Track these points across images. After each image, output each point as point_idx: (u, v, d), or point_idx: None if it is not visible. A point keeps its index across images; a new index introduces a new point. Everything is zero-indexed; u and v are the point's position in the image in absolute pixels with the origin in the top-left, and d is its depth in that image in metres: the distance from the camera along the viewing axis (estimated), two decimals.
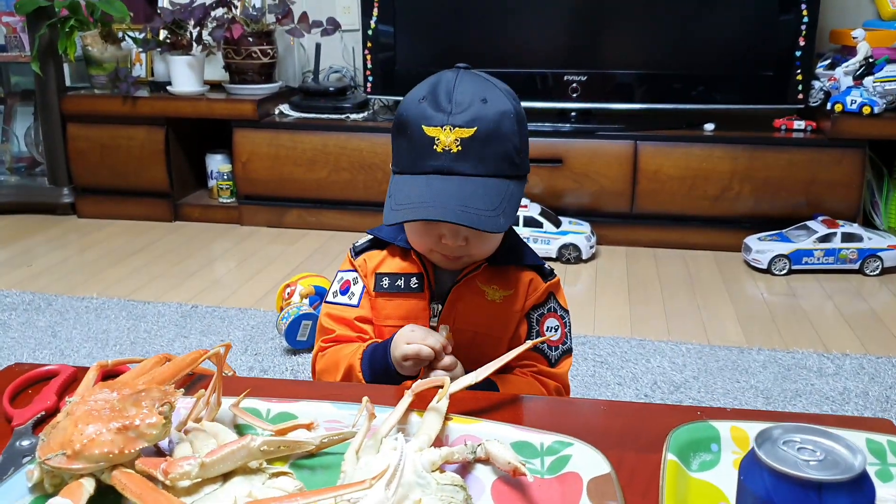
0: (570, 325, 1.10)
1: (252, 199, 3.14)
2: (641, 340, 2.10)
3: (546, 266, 1.09)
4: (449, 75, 0.97)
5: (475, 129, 0.93)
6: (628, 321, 2.25)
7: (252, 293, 2.45)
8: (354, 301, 1.07)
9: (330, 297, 1.10)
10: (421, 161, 0.95)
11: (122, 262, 2.74)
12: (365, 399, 0.75)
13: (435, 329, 1.01)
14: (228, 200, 3.20)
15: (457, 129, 0.93)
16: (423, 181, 0.94)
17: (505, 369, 1.06)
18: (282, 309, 2.08)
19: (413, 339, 0.97)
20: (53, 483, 0.67)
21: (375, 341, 1.04)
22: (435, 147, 0.93)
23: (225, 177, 3.20)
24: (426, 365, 0.97)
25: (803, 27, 2.76)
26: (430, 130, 0.94)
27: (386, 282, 1.05)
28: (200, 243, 2.97)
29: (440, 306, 1.03)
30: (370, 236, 1.09)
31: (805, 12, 2.75)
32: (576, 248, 2.71)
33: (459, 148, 0.93)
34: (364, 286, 1.07)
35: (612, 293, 2.46)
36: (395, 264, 1.05)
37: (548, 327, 1.07)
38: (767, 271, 2.61)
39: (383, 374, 0.99)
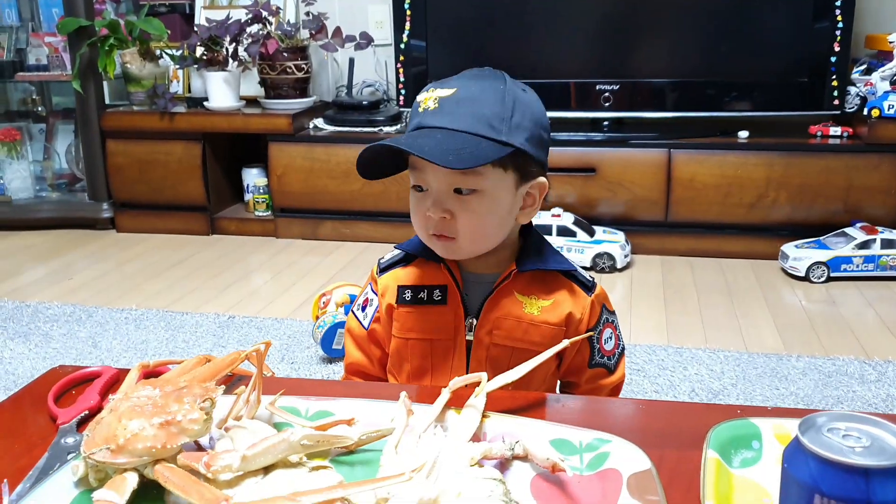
0: (618, 324, 1.09)
1: (287, 212, 3.17)
2: (678, 348, 2.08)
3: (582, 274, 1.05)
4: None
5: (455, 90, 0.95)
6: (665, 329, 2.23)
7: (288, 304, 2.47)
8: (366, 322, 1.08)
9: (355, 307, 1.12)
10: (409, 126, 0.99)
11: (161, 275, 2.78)
12: (403, 394, 0.75)
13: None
14: (264, 213, 3.24)
15: (438, 90, 0.96)
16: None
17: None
18: (318, 318, 2.09)
19: None
20: (98, 477, 0.68)
21: None
22: (419, 109, 0.97)
23: (261, 190, 3.23)
24: None
25: (838, 32, 2.73)
26: (419, 98, 0.98)
27: (408, 294, 1.03)
28: (237, 256, 3.00)
29: (475, 320, 1.00)
30: (398, 251, 1.08)
31: (840, 18, 2.72)
32: (610, 256, 2.69)
33: (436, 105, 0.95)
34: (377, 307, 1.06)
35: (648, 302, 2.44)
36: (418, 275, 1.03)
37: (605, 339, 1.06)
38: (805, 279, 2.58)
39: None
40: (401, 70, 3.07)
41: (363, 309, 1.10)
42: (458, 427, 0.73)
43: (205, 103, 3.21)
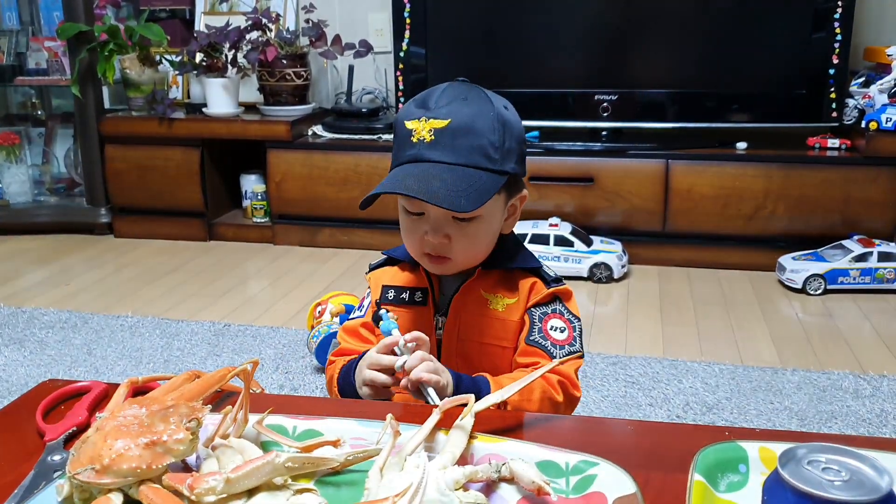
0: (580, 332, 1.08)
1: (285, 219, 3.18)
2: (674, 361, 2.08)
3: (550, 272, 1.08)
4: (444, 84, 1.02)
5: (449, 120, 0.96)
6: (660, 341, 2.23)
7: (284, 312, 2.47)
8: (362, 312, 1.15)
9: (351, 315, 1.18)
10: (401, 153, 1.00)
11: (157, 282, 2.78)
12: (389, 416, 0.75)
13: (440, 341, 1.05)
14: (262, 220, 3.24)
15: (431, 120, 0.97)
16: (399, 169, 0.99)
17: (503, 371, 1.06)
18: (312, 327, 2.09)
19: (373, 365, 0.98)
20: (82, 497, 0.68)
21: (354, 358, 1.06)
22: (412, 138, 0.98)
23: (259, 197, 3.23)
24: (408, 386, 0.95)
25: (837, 45, 2.74)
26: (409, 124, 0.99)
27: (391, 294, 1.09)
28: (234, 263, 3.00)
29: (443, 318, 1.05)
30: (384, 256, 1.14)
31: (838, 30, 2.73)
32: (607, 267, 2.69)
33: (432, 137, 0.96)
34: (371, 299, 1.13)
35: (644, 313, 2.44)
36: (402, 278, 1.10)
37: (552, 327, 1.05)
38: (802, 291, 2.58)
39: (353, 393, 1.03)
40: (400, 78, 3.07)
41: (359, 308, 1.16)
42: (444, 449, 0.73)
43: (204, 109, 3.22)
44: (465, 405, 0.78)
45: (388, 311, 1.02)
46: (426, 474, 0.65)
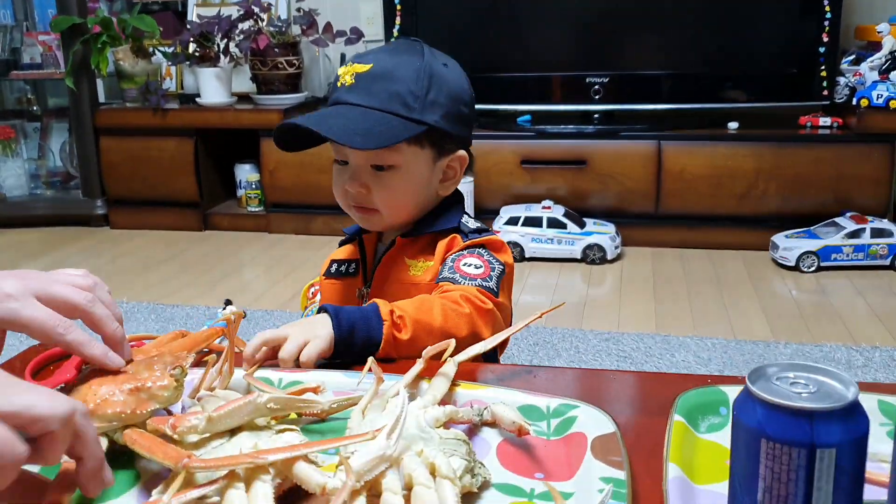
0: (500, 274, 0.98)
1: (280, 208, 3.18)
2: (666, 336, 2.08)
3: (470, 224, 1.02)
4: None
5: (371, 66, 0.97)
6: (653, 318, 2.24)
7: (278, 297, 2.48)
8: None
9: None
10: (329, 99, 1.03)
11: (153, 270, 2.79)
12: (370, 359, 0.76)
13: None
14: (257, 209, 3.25)
15: (355, 65, 0.98)
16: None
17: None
18: (306, 308, 2.10)
19: None
20: None
21: None
22: (338, 83, 1.00)
23: (253, 186, 3.24)
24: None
25: (827, 23, 2.75)
26: (339, 70, 1.01)
27: (334, 267, 1.10)
28: (229, 251, 3.01)
29: (367, 289, 1.05)
30: (345, 235, 1.15)
31: (828, 8, 2.73)
32: (600, 248, 2.70)
33: (353, 81, 0.98)
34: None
35: (638, 292, 2.45)
36: (346, 251, 1.11)
37: (466, 263, 0.97)
38: (796, 269, 2.58)
39: None
40: None
41: None
42: (426, 392, 0.74)
43: (197, 99, 3.22)
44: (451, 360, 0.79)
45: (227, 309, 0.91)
46: (406, 408, 0.66)
